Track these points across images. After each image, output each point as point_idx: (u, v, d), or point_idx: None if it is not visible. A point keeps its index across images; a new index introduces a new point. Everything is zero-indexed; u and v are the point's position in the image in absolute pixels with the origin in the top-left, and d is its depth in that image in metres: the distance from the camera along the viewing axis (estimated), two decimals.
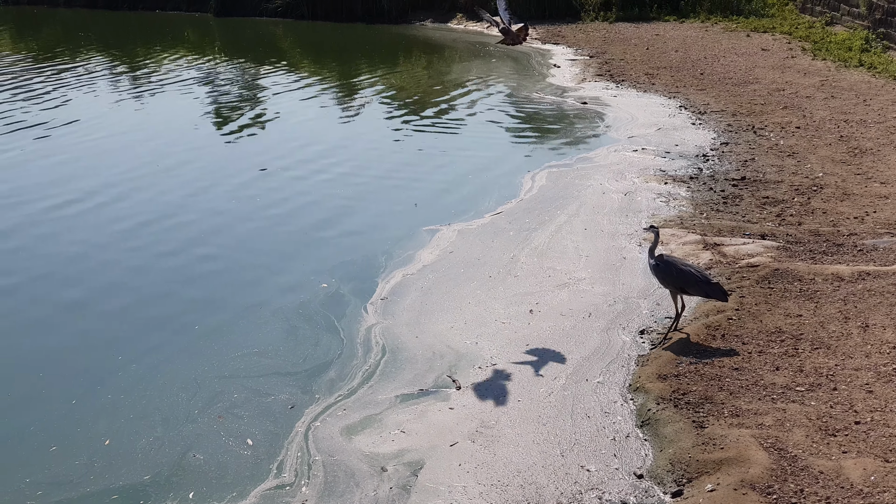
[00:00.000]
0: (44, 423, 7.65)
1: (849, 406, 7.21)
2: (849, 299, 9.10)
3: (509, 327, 9.08)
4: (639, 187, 13.18)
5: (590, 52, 25.11)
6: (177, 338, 9.19)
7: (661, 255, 8.66)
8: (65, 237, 12.01)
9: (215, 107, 20.18)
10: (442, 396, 7.88)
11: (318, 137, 17.29)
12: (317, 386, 8.12)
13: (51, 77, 23.70)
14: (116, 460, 7.13)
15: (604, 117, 17.71)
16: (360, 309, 9.59)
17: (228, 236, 11.96)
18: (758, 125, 16.51)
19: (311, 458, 7.04)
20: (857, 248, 10.56)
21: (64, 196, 13.63)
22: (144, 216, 12.73)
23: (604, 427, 7.32)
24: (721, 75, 21.17)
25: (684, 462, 6.69)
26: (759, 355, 8.12)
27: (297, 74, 24.00)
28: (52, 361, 8.77)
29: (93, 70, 25.18)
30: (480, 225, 11.97)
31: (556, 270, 10.41)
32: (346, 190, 13.79)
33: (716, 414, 7.24)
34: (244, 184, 14.22)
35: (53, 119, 18.78)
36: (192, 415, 7.72)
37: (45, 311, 9.90)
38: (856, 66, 21.28)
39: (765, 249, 10.52)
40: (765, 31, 27.24)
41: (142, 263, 11.12)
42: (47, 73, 24.40)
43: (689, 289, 8.52)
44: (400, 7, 32.74)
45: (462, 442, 7.18)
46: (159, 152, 16.22)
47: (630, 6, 30.56)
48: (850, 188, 12.72)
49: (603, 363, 8.30)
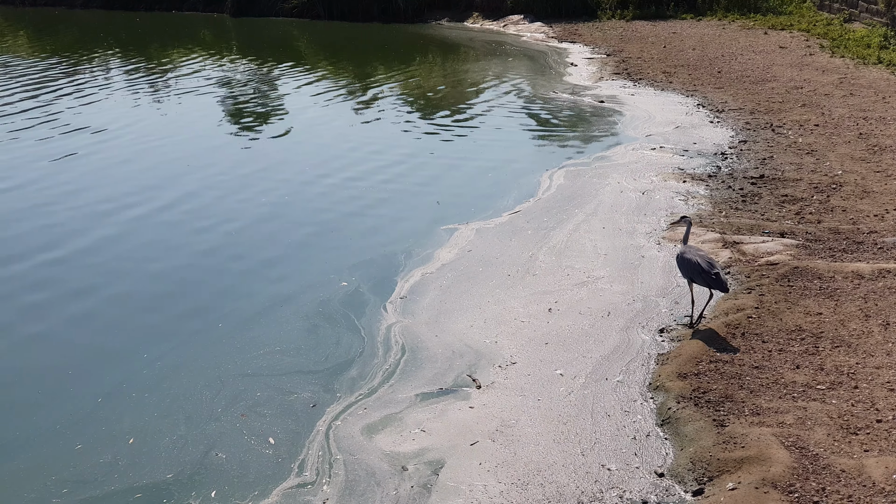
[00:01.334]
0: (70, 421, 7.72)
1: (870, 404, 7.19)
2: (869, 297, 9.07)
3: (528, 326, 9.08)
4: (657, 186, 13.17)
5: (606, 51, 25.09)
6: (201, 335, 9.25)
7: (683, 249, 8.81)
8: (86, 235, 12.07)
9: (233, 107, 20.26)
10: (462, 395, 7.89)
11: (335, 137, 17.34)
12: (338, 384, 8.15)
13: (69, 77, 23.80)
14: (140, 459, 7.17)
15: (621, 116, 17.70)
16: (380, 308, 9.61)
17: (249, 235, 12.01)
18: (776, 123, 16.46)
19: (333, 457, 7.06)
20: (878, 245, 10.53)
21: (88, 196, 13.70)
22: (163, 217, 12.79)
23: (624, 426, 7.32)
24: (739, 73, 21.11)
25: (705, 461, 6.69)
26: (780, 353, 8.11)
27: (314, 74, 24.05)
28: (80, 358, 8.85)
29: (112, 71, 25.28)
30: (499, 224, 11.98)
31: (574, 269, 10.41)
32: (365, 189, 13.82)
33: (736, 412, 7.23)
34: (263, 183, 14.26)
35: (78, 122, 18.86)
36: (215, 413, 7.76)
37: (70, 308, 9.98)
38: (874, 63, 21.19)
39: (784, 247, 10.50)
40: (782, 28, 27.16)
41: (164, 263, 11.18)
42: (67, 73, 24.51)
43: (695, 278, 8.67)
44: (416, 6, 32.77)
45: (482, 441, 7.19)
46: (181, 153, 16.28)
47: (647, 4, 30.51)
48: (869, 186, 12.67)
49: (623, 362, 8.30)
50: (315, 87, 22.43)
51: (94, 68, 25.63)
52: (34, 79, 23.80)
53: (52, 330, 9.53)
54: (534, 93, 20.51)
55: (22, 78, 24.01)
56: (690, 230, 9.49)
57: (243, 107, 20.33)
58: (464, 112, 19.03)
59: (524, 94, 20.48)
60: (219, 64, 25.97)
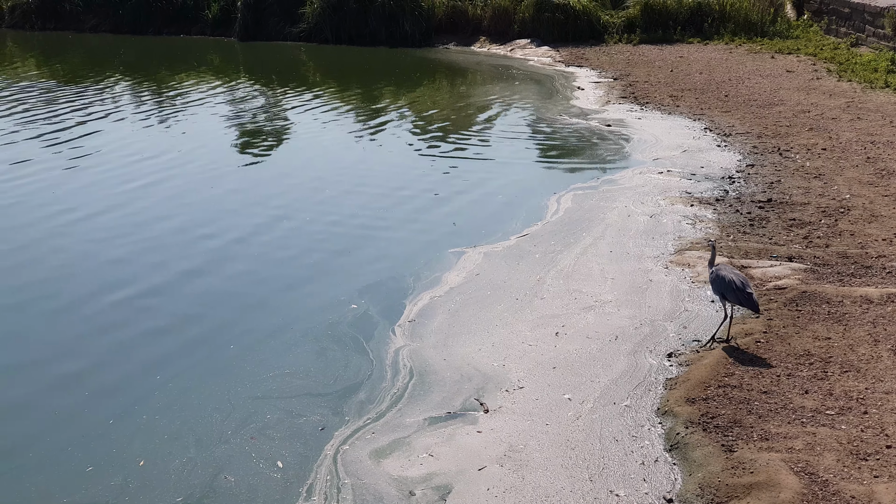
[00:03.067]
0: (82, 443, 7.76)
1: (880, 430, 7.17)
2: (878, 322, 9.06)
3: (536, 350, 9.08)
4: (664, 209, 13.18)
5: (613, 75, 25.14)
6: (212, 358, 9.29)
7: (717, 266, 9.06)
8: (99, 257, 12.12)
9: (241, 130, 20.31)
10: (470, 419, 7.89)
11: (343, 161, 17.39)
12: (347, 408, 8.16)
13: (78, 100, 23.91)
14: (150, 482, 7.19)
15: (628, 139, 17.72)
16: (388, 331, 9.63)
17: (259, 258, 12.03)
18: (783, 147, 16.48)
19: (341, 482, 7.06)
20: (886, 270, 10.52)
21: (89, 212, 13.75)
22: (174, 237, 12.87)
23: (632, 451, 7.31)
24: (746, 97, 21.14)
25: (714, 486, 6.67)
26: (788, 378, 8.10)
27: (321, 98, 24.13)
28: (93, 380, 8.89)
29: (121, 95, 25.40)
30: (506, 247, 12.00)
31: (581, 293, 10.41)
32: (372, 212, 13.85)
33: (745, 438, 7.22)
34: (273, 207, 14.29)
35: (88, 143, 18.94)
36: (224, 435, 7.78)
37: (83, 330, 10.06)
38: (882, 87, 21.20)
39: (792, 272, 10.49)
40: (789, 52, 27.19)
41: (174, 285, 11.23)
42: (74, 97, 24.62)
43: (727, 295, 8.77)
44: (423, 31, 32.83)
45: (490, 466, 7.19)
46: (189, 174, 16.33)
47: (653, 28, 30.54)
48: (877, 210, 12.67)
49: (630, 386, 8.29)
50: (322, 110, 22.49)
51: (104, 92, 25.74)
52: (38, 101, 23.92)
53: (64, 349, 9.57)
54: (541, 116, 20.55)
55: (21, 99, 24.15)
56: (716, 253, 9.83)
57: (250, 130, 20.39)
58: (471, 136, 19.07)
59: (531, 118, 20.52)
60: (224, 88, 26.07)
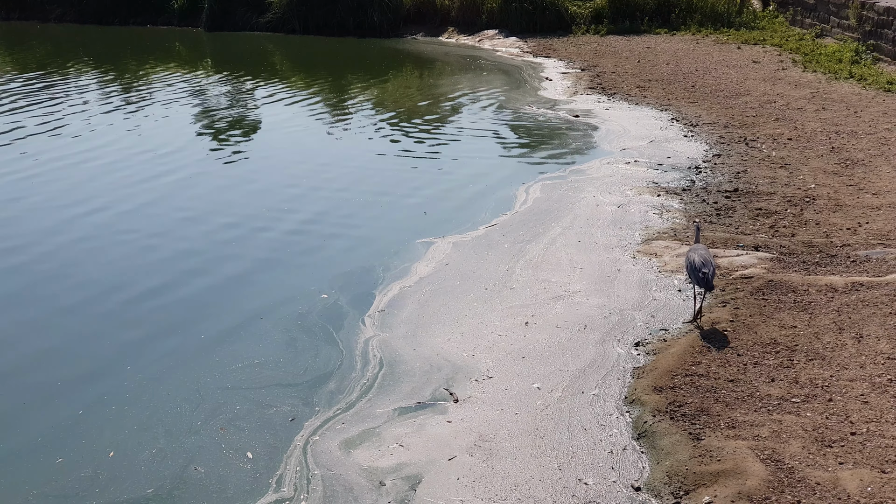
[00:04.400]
0: (52, 435, 7.73)
1: (844, 417, 7.26)
2: (843, 310, 9.16)
3: (505, 339, 9.11)
4: (632, 199, 13.25)
5: (581, 66, 25.20)
6: (182, 348, 9.27)
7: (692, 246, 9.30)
8: (72, 248, 12.05)
9: (206, 122, 20.18)
10: (440, 409, 7.92)
11: (311, 153, 17.36)
12: (317, 398, 8.17)
13: (42, 92, 23.70)
14: (120, 472, 7.17)
15: (596, 130, 17.79)
16: (358, 321, 9.63)
17: (229, 249, 11.99)
18: (750, 137, 16.60)
19: (311, 473, 7.07)
20: (850, 258, 10.63)
21: (66, 209, 13.66)
22: (146, 229, 12.82)
23: (601, 440, 7.36)
24: (712, 87, 21.27)
25: (681, 474, 6.73)
26: (755, 367, 8.18)
27: (289, 89, 24.04)
28: (63, 370, 8.85)
29: (86, 85, 25.20)
30: (475, 237, 12.02)
31: (550, 283, 10.45)
32: (341, 203, 13.83)
33: (712, 426, 7.29)
34: (241, 197, 14.26)
35: (49, 133, 18.78)
36: (194, 426, 7.77)
37: (54, 319, 10.06)
38: (846, 77, 21.40)
39: (758, 261, 10.58)
40: (755, 43, 27.36)
41: (144, 276, 11.19)
42: (38, 88, 24.41)
43: (690, 275, 9.09)
44: (391, 21, 32.74)
45: (460, 455, 7.21)
46: (155, 166, 16.22)
47: (621, 19, 30.63)
48: (842, 199, 12.80)
49: (599, 375, 8.34)
50: (290, 101, 22.41)
51: (70, 83, 25.52)
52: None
53: (34, 343, 9.51)
54: (509, 107, 20.57)
55: None
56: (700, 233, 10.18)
57: (215, 121, 20.26)
58: (439, 126, 19.07)
59: (499, 109, 20.53)
60: (190, 78, 25.91)
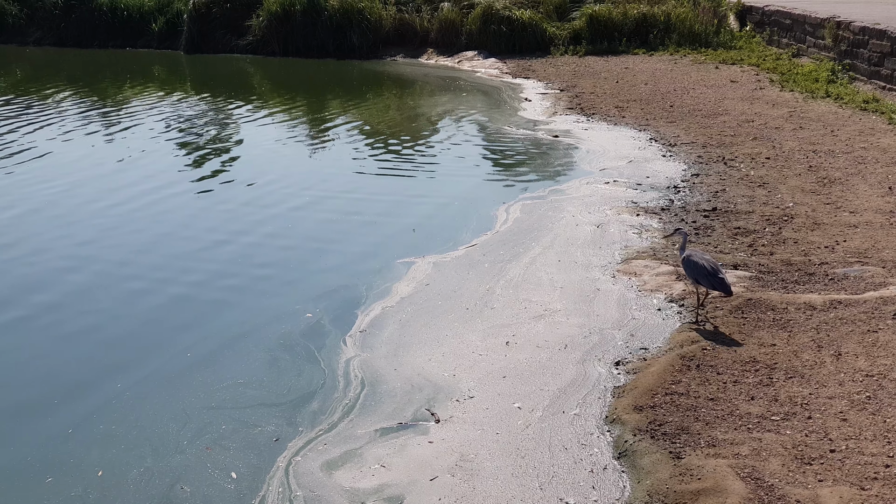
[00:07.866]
0: (42, 454, 7.73)
1: (824, 434, 7.30)
2: (821, 328, 9.22)
3: (486, 359, 9.13)
4: (611, 219, 13.30)
5: (560, 86, 25.31)
6: (168, 367, 9.27)
7: (689, 252, 9.62)
8: (59, 263, 12.00)
9: (184, 144, 20.12)
10: (421, 430, 7.92)
11: (291, 174, 17.33)
12: (300, 418, 8.17)
13: (21, 116, 23.65)
14: (109, 492, 7.17)
15: (575, 150, 17.86)
16: (340, 341, 9.63)
17: (211, 269, 12.00)
18: (728, 156, 16.70)
19: (293, 494, 7.05)
20: (829, 276, 10.70)
21: (47, 231, 13.62)
22: (129, 249, 12.85)
23: (581, 459, 7.37)
24: (690, 107, 21.39)
25: (662, 493, 6.75)
26: (734, 385, 8.21)
27: (268, 111, 24.05)
28: (51, 390, 8.85)
29: (66, 109, 25.15)
30: (455, 257, 12.04)
31: (531, 302, 10.48)
32: (322, 224, 13.85)
33: (692, 444, 7.31)
34: (223, 217, 14.26)
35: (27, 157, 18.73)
36: (181, 446, 7.78)
37: (46, 337, 10.08)
38: (823, 97, 21.57)
39: (737, 279, 10.63)
40: (733, 63, 27.55)
41: (130, 294, 11.23)
42: (16, 112, 24.35)
43: (700, 280, 9.29)
44: (370, 43, 32.79)
45: (442, 476, 7.21)
46: (136, 190, 16.19)
47: (599, 40, 30.78)
48: (820, 218, 12.88)
49: (579, 395, 8.36)
50: (270, 123, 22.42)
51: (49, 107, 25.47)
52: None
53: (23, 361, 9.54)
54: (489, 128, 20.64)
55: None
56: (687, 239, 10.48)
57: (195, 142, 20.22)
58: (419, 147, 19.11)
59: (479, 130, 20.59)
60: (169, 101, 25.90)
